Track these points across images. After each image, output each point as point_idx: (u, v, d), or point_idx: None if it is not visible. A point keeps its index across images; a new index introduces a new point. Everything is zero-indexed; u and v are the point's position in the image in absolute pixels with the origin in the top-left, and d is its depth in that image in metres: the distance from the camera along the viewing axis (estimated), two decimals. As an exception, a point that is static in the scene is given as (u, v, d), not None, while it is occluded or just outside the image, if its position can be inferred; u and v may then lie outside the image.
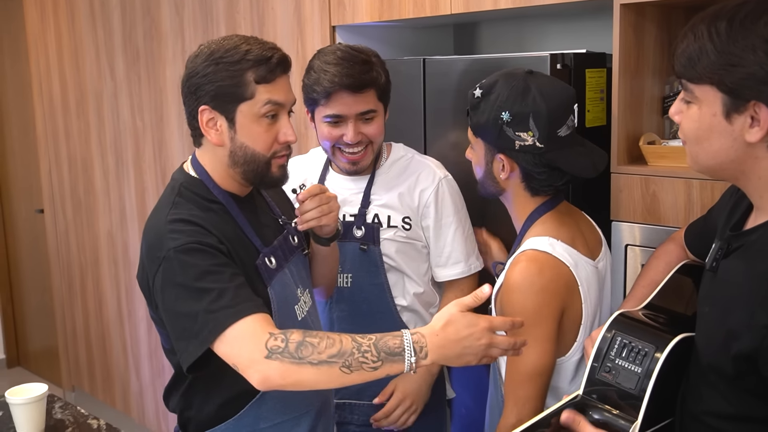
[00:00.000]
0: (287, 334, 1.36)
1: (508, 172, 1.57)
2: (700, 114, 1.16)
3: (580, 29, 2.51)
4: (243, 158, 1.54)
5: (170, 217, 1.49)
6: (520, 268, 1.50)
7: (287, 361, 1.33)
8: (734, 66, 1.10)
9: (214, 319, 1.38)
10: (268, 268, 1.57)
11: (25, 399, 1.86)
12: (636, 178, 1.90)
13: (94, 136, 3.78)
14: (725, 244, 1.23)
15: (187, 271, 1.42)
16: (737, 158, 1.15)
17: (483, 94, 1.55)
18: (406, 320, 1.97)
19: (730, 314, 1.14)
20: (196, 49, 1.56)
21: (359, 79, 1.79)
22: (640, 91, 1.97)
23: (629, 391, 1.24)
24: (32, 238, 4.65)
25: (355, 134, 1.83)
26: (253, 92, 1.50)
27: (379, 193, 1.95)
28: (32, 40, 4.08)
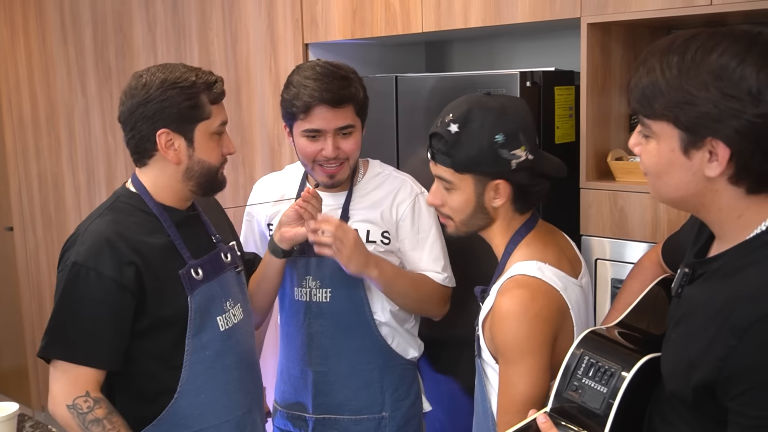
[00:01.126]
0: (96, 404, 1.60)
1: (503, 198, 1.53)
2: (659, 149, 1.16)
3: (550, 47, 2.55)
4: (199, 172, 1.70)
5: (90, 228, 1.65)
6: (511, 294, 1.46)
7: (76, 422, 1.59)
8: (688, 104, 1.09)
9: (64, 344, 1.60)
10: (193, 278, 1.70)
11: (-5, 418, 1.84)
12: (604, 193, 1.93)
13: (65, 152, 3.76)
14: (690, 270, 1.24)
15: (71, 287, 1.60)
16: (697, 192, 1.15)
17: (461, 126, 1.49)
18: (384, 334, 1.98)
19: (691, 343, 1.15)
20: (136, 80, 1.67)
21: (338, 94, 1.81)
22: (607, 108, 2.02)
23: (594, 410, 1.25)
24: (1, 257, 4.59)
25: (334, 149, 1.85)
26: (210, 113, 1.68)
27: (357, 208, 1.97)
28: (1, 57, 4.05)
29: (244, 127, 2.85)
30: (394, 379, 2.00)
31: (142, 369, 1.67)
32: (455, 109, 1.53)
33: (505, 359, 1.47)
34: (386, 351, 1.98)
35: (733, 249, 1.16)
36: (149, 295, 1.64)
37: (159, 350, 1.68)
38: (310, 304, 1.96)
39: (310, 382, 2.00)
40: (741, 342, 1.06)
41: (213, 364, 1.71)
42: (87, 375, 1.60)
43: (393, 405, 2.00)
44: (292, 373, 2.05)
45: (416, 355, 2.05)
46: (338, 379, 1.98)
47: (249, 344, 1.83)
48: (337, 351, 1.97)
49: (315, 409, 2.01)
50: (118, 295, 1.61)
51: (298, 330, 2.00)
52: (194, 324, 1.68)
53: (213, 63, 2.92)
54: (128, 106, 1.66)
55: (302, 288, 1.97)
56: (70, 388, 1.60)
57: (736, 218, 1.15)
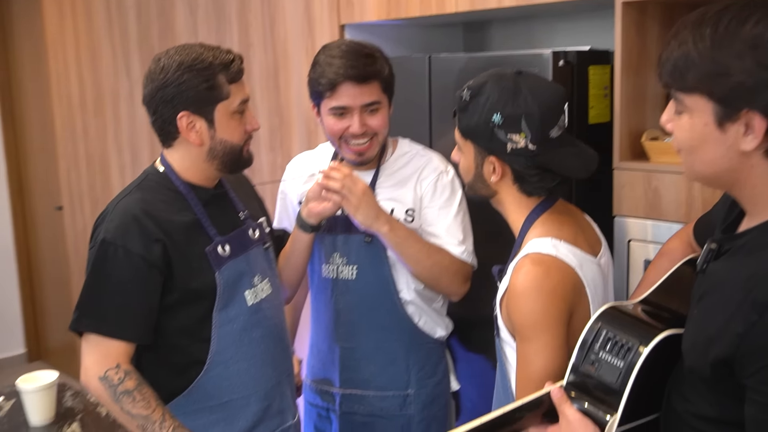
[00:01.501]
0: (126, 375, 1.64)
1: (499, 175, 1.54)
2: (692, 124, 1.13)
3: (590, 28, 2.52)
4: (222, 151, 1.72)
5: (118, 206, 1.69)
6: (525, 271, 1.46)
7: (107, 393, 1.64)
8: (722, 75, 1.07)
9: (95, 318, 1.66)
10: (219, 255, 1.73)
11: (35, 386, 1.91)
12: (638, 174, 1.91)
13: (111, 134, 3.85)
14: (717, 245, 1.22)
15: (101, 263, 1.65)
16: (732, 167, 1.13)
17: (472, 96, 1.52)
18: (410, 313, 1.99)
19: (711, 318, 1.14)
20: (155, 64, 1.69)
21: (363, 70, 1.83)
22: (642, 87, 1.98)
23: (610, 385, 1.24)
24: (52, 235, 4.72)
25: (361, 125, 1.86)
26: (228, 92, 1.69)
27: (383, 186, 1.98)
28: (51, 40, 4.16)
29: (282, 108, 2.88)
30: (420, 357, 2.02)
31: (171, 342, 1.72)
32: (478, 78, 1.55)
33: (522, 336, 1.47)
34: (412, 329, 2.00)
35: (761, 225, 1.14)
36: (176, 271, 1.68)
37: (187, 324, 1.72)
38: (337, 281, 1.99)
39: (337, 358, 2.03)
40: (761, 318, 1.05)
41: (241, 337, 1.75)
42: (118, 348, 1.65)
43: (418, 383, 2.01)
44: (321, 349, 2.09)
45: (443, 334, 2.06)
46: (364, 356, 2.01)
47: (277, 318, 1.86)
48: (363, 328, 1.99)
49: (342, 384, 2.04)
50: (146, 272, 1.65)
51: (327, 306, 2.03)
52: (222, 299, 1.72)
53: (251, 45, 2.95)
54: (149, 90, 1.69)
55: (330, 265, 1.99)
56: (101, 361, 1.65)
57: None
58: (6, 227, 4.95)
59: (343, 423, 2.06)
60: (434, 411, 2.04)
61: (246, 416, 1.78)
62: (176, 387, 1.73)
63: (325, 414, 2.11)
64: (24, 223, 5.01)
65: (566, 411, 1.26)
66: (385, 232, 1.84)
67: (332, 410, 2.08)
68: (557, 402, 1.28)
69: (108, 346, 1.65)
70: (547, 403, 1.29)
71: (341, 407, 2.05)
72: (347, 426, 2.06)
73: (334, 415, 2.08)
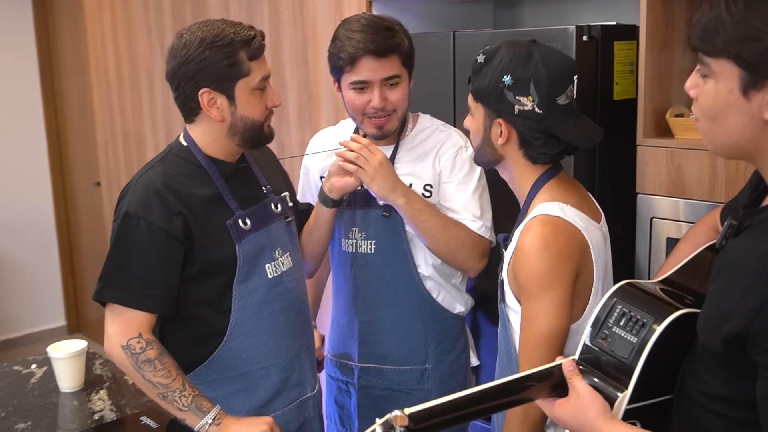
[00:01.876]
0: (148, 345, 1.68)
1: (505, 138, 1.58)
2: (717, 90, 1.12)
3: (622, 4, 2.47)
4: (243, 127, 1.74)
5: (141, 179, 1.73)
6: (534, 231, 1.51)
7: (129, 362, 1.67)
8: (752, 40, 1.05)
9: (118, 289, 1.69)
10: (240, 228, 1.75)
11: (65, 353, 1.97)
12: (661, 150, 1.89)
13: (147, 111, 3.91)
14: (737, 222, 1.20)
15: (124, 235, 1.69)
16: (753, 137, 1.11)
17: (486, 60, 1.57)
18: (429, 288, 2.00)
19: (727, 294, 1.12)
20: (178, 40, 1.71)
21: (383, 44, 1.83)
22: (668, 63, 1.95)
23: (622, 360, 1.24)
24: (90, 210, 4.83)
25: (381, 99, 1.87)
26: (249, 69, 1.70)
27: (402, 161, 1.98)
28: (89, 18, 4.23)
29: (311, 84, 2.89)
30: (438, 332, 2.02)
31: (193, 313, 1.75)
32: (493, 44, 1.60)
33: (528, 294, 1.51)
34: (431, 304, 2.00)
35: None
36: (197, 244, 1.71)
37: (208, 296, 1.75)
38: (356, 256, 2.00)
39: (356, 332, 2.05)
40: None
41: (261, 310, 1.78)
42: (140, 318, 1.69)
43: (436, 357, 2.02)
44: (341, 323, 2.11)
45: (463, 310, 2.06)
46: (382, 330, 2.02)
47: (298, 291, 1.88)
48: (381, 302, 2.00)
49: (360, 358, 2.06)
50: (168, 244, 1.68)
51: (346, 280, 2.04)
52: (242, 271, 1.75)
53: (281, 22, 2.96)
54: (171, 66, 1.72)
55: (349, 239, 2.01)
56: (124, 330, 1.69)
57: None
58: (47, 203, 5.08)
59: (361, 396, 2.08)
60: (452, 386, 2.04)
61: (265, 387, 1.81)
62: (197, 357, 1.77)
63: (344, 387, 2.14)
64: (64, 199, 5.13)
65: (576, 384, 1.26)
66: (402, 204, 1.84)
67: (351, 383, 2.11)
68: (568, 375, 1.27)
69: (130, 316, 1.69)
70: (557, 375, 1.29)
71: (359, 381, 2.07)
72: (365, 399, 2.08)
73: (353, 389, 2.10)
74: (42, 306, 5.12)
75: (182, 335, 1.78)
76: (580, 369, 1.28)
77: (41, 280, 5.10)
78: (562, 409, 1.26)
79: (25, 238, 4.99)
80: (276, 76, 2.95)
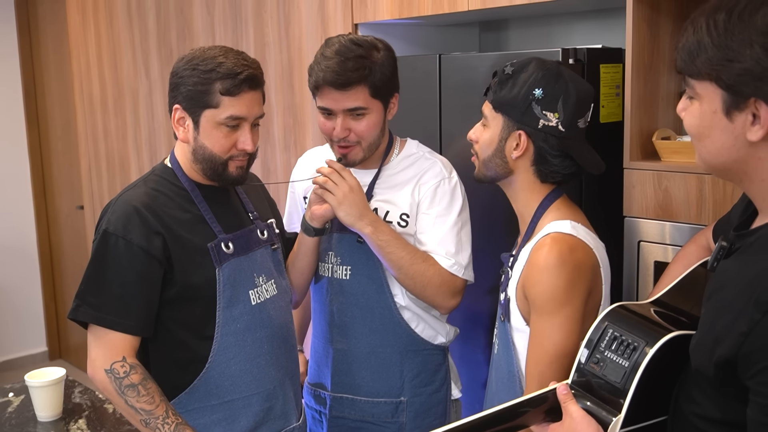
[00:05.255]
0: (131, 370, 1.64)
1: (521, 151, 1.58)
2: (701, 111, 1.13)
3: (607, 28, 2.49)
4: (202, 157, 1.71)
5: (121, 198, 1.72)
6: (549, 248, 1.51)
7: (113, 386, 1.64)
8: (731, 61, 1.07)
9: (93, 308, 1.66)
10: (222, 251, 1.73)
11: (42, 382, 1.92)
12: (648, 173, 1.88)
13: (131, 134, 3.88)
14: (728, 243, 1.20)
15: (103, 253, 1.67)
16: (740, 158, 1.12)
17: (514, 71, 1.58)
18: (407, 318, 1.93)
19: (718, 317, 1.12)
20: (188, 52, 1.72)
21: (344, 76, 1.76)
22: (654, 86, 1.95)
23: (615, 384, 1.23)
24: (73, 234, 4.78)
25: (342, 130, 1.82)
26: (218, 102, 1.67)
27: (381, 187, 1.94)
28: (74, 41, 4.20)
29: (296, 107, 2.88)
30: (416, 364, 1.94)
31: (175, 337, 1.72)
32: (521, 59, 1.62)
33: (541, 311, 1.50)
34: (408, 335, 1.93)
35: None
36: (176, 265, 1.68)
37: (190, 320, 1.72)
38: (332, 281, 1.95)
39: (330, 360, 1.99)
40: (764, 317, 1.02)
41: (244, 337, 1.74)
42: (123, 341, 1.66)
43: (412, 390, 1.95)
44: (317, 349, 2.05)
45: (444, 341, 1.99)
46: (357, 359, 1.95)
47: (283, 319, 1.85)
48: (356, 330, 1.94)
49: (333, 387, 1.99)
50: (146, 263, 1.65)
51: (323, 306, 1.99)
52: (225, 296, 1.72)
53: (267, 45, 2.96)
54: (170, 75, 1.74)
55: (325, 264, 1.96)
56: (108, 353, 1.65)
57: None
58: (29, 226, 5.02)
59: (333, 427, 2.01)
60: (429, 420, 1.97)
61: (248, 416, 1.77)
62: (179, 383, 1.73)
63: (318, 417, 2.07)
64: (47, 223, 5.07)
65: (570, 408, 1.25)
66: (368, 233, 1.80)
67: (323, 413, 2.04)
68: (562, 399, 1.27)
69: (114, 339, 1.66)
70: (551, 400, 1.28)
71: (331, 411, 2.00)
72: (336, 430, 2.01)
73: (324, 419, 2.04)
74: (23, 331, 5.04)
75: (164, 360, 1.75)
76: (573, 393, 1.27)
77: (22, 304, 5.02)
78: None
79: (6, 262, 4.92)
80: (261, 99, 2.93)
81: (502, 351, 1.66)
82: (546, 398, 1.27)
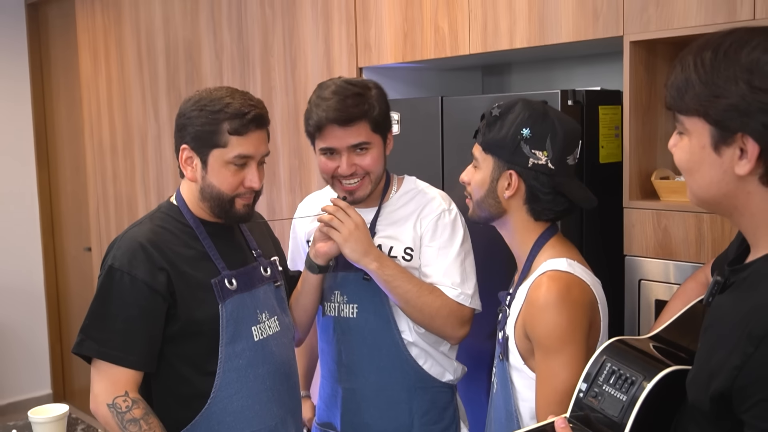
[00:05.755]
0: (134, 404, 1.66)
1: (513, 190, 1.60)
2: (691, 146, 1.16)
3: (609, 72, 2.53)
4: (210, 195, 1.75)
5: (127, 235, 1.75)
6: (547, 287, 1.52)
7: (115, 421, 1.65)
8: (718, 97, 1.09)
9: (98, 342, 1.68)
10: (226, 287, 1.75)
11: (45, 418, 1.93)
12: (648, 212, 1.90)
13: (139, 175, 3.93)
14: (722, 279, 1.22)
15: (108, 288, 1.69)
16: (729, 192, 1.14)
17: (501, 113, 1.62)
18: (415, 355, 1.94)
19: (713, 352, 1.13)
20: (193, 94, 1.77)
21: (346, 112, 1.81)
22: (652, 127, 1.99)
23: (612, 418, 1.23)
24: (81, 276, 4.81)
25: (349, 166, 1.86)
26: (227, 142, 1.71)
27: (383, 224, 1.97)
28: (85, 85, 4.29)
29: (302, 149, 2.93)
30: (424, 401, 1.94)
31: (177, 373, 1.73)
32: (507, 101, 1.66)
33: (546, 350, 1.51)
34: (416, 372, 1.93)
35: (764, 258, 1.14)
36: (180, 301, 1.70)
37: (193, 355, 1.73)
38: (339, 320, 1.96)
39: (339, 400, 1.99)
40: (757, 351, 1.04)
41: (246, 373, 1.75)
42: (126, 376, 1.67)
43: (422, 428, 1.94)
44: (326, 390, 2.05)
45: (452, 378, 1.99)
46: (365, 398, 1.95)
47: (285, 356, 1.86)
48: (364, 368, 1.95)
49: (343, 426, 1.98)
50: (150, 298, 1.68)
51: (329, 345, 2.00)
52: (227, 332, 1.73)
53: (274, 88, 3.02)
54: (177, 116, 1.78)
55: (331, 303, 1.97)
56: (110, 388, 1.67)
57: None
58: (37, 268, 5.05)
59: None
60: None
61: None
62: (181, 419, 1.74)
63: None
64: (54, 264, 5.11)
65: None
66: (374, 269, 1.82)
67: None
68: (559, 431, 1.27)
69: (116, 374, 1.67)
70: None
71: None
72: None
73: None
74: (28, 373, 5.04)
75: (167, 395, 1.76)
76: (571, 427, 1.28)
77: (28, 346, 5.03)
78: None
79: (13, 303, 4.94)
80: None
81: (501, 390, 1.66)
82: (544, 431, 1.27)
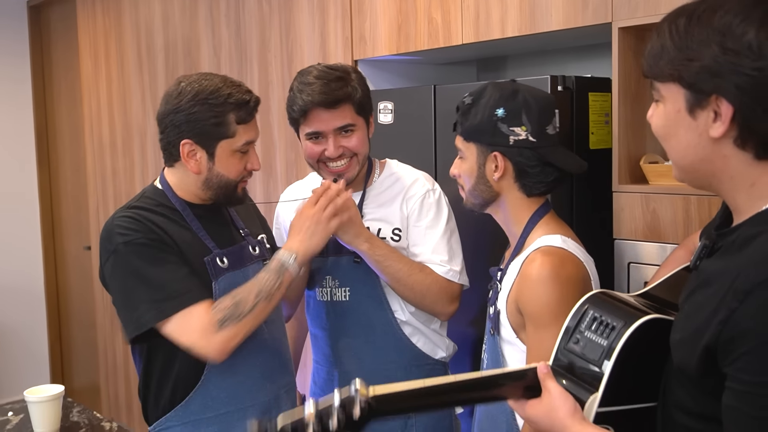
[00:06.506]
0: (220, 305, 1.67)
1: (501, 171, 1.62)
2: (666, 111, 1.18)
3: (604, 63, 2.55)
4: (217, 184, 1.78)
5: (119, 215, 1.74)
6: (540, 261, 1.54)
7: (233, 324, 1.65)
8: (691, 60, 1.12)
9: (157, 308, 1.65)
10: (218, 266, 1.77)
11: (40, 397, 1.95)
12: (636, 196, 1.93)
13: (138, 173, 3.96)
14: (710, 243, 1.23)
15: (133, 262, 1.67)
16: (706, 157, 1.16)
17: (474, 100, 1.65)
18: (408, 333, 1.98)
19: (700, 313, 1.14)
20: (176, 86, 1.75)
21: (331, 95, 1.85)
22: (641, 113, 2.00)
23: (593, 362, 1.25)
24: (81, 275, 4.83)
25: (336, 148, 1.89)
26: (234, 132, 1.74)
27: (370, 207, 2.00)
28: (86, 86, 4.33)
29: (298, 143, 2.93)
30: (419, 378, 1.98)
31: (172, 350, 1.73)
32: (478, 86, 1.68)
33: (537, 323, 1.53)
34: (411, 350, 1.98)
35: (749, 220, 1.15)
36: None
37: None
38: (332, 304, 1.99)
39: (336, 384, 2.01)
40: (742, 305, 1.05)
41: (239, 350, 1.77)
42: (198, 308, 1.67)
43: None
44: (321, 375, 2.08)
45: (445, 355, 2.04)
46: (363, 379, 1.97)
47: (277, 332, 1.89)
48: (360, 350, 1.98)
49: None
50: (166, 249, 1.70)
51: (324, 331, 2.03)
52: None
53: (271, 83, 3.05)
54: (163, 109, 1.76)
55: (323, 288, 2.00)
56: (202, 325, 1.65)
57: (749, 187, 1.15)
58: (37, 267, 5.08)
59: None
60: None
61: (243, 429, 1.79)
62: (176, 397, 1.76)
63: None
64: (55, 264, 5.13)
65: (549, 385, 1.27)
66: (365, 250, 1.85)
67: None
68: (542, 377, 1.29)
69: (193, 311, 1.66)
70: (530, 377, 1.30)
71: None
72: None
73: None
74: (28, 373, 5.06)
75: (161, 373, 1.77)
76: (555, 370, 1.30)
77: (28, 345, 5.05)
78: (534, 408, 1.27)
79: (13, 303, 4.96)
80: (264, 134, 3.01)
81: (492, 364, 1.68)
82: (525, 374, 1.29)
